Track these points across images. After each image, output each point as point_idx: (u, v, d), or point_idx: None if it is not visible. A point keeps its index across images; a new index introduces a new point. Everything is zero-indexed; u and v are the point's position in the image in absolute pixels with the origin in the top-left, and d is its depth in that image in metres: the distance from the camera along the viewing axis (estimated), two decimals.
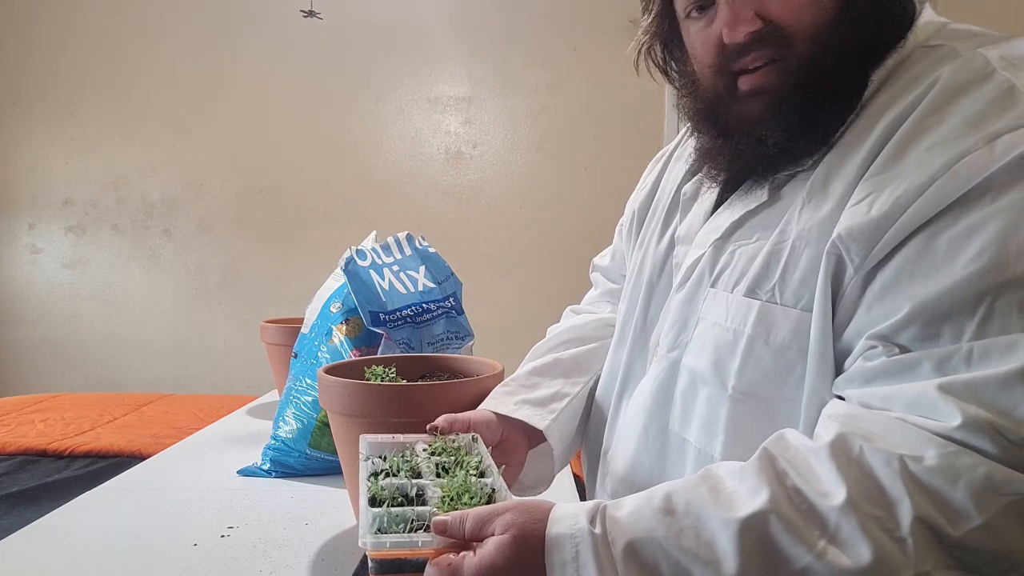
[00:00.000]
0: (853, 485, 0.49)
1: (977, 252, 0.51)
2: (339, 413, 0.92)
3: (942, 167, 0.53)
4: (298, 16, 2.75)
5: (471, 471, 0.64)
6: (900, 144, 0.58)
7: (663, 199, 0.86)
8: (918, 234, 0.54)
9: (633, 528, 0.52)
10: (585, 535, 0.52)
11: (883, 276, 0.56)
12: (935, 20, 0.66)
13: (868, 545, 0.47)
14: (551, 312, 1.14)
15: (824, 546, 0.47)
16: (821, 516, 0.49)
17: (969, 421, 0.47)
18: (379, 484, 0.62)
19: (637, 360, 0.83)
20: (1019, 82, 0.55)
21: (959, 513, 0.46)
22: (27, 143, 3.37)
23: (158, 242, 3.40)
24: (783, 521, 0.49)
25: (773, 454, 0.54)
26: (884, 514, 0.47)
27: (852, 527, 0.47)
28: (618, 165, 3.09)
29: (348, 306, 1.26)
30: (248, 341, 3.27)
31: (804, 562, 0.47)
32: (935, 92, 0.58)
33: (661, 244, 0.82)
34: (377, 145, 3.32)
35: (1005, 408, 0.47)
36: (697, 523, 0.51)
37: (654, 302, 0.82)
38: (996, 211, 0.51)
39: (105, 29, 3.32)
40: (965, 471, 0.47)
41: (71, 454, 1.73)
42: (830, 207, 0.61)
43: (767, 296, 0.64)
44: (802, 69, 0.63)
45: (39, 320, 3.43)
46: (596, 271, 1.12)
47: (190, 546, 0.91)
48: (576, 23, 3.19)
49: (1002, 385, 0.47)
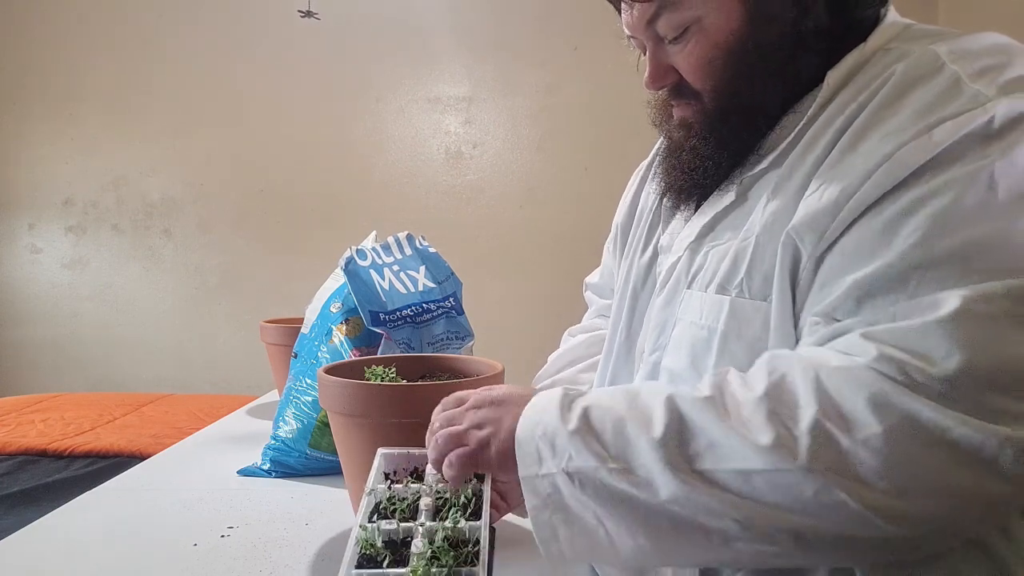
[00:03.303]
0: (771, 385, 0.55)
1: (911, 231, 0.54)
2: (339, 413, 0.92)
3: (884, 156, 0.57)
4: (298, 16, 2.75)
5: (459, 516, 0.66)
6: (854, 136, 0.61)
7: (645, 211, 0.89)
8: (860, 219, 0.57)
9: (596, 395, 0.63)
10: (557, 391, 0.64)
11: (830, 260, 0.59)
12: (899, 22, 0.69)
13: (770, 433, 0.52)
14: (551, 312, 1.14)
15: (734, 423, 0.54)
16: (738, 402, 0.56)
17: (883, 355, 0.51)
18: (368, 532, 0.64)
19: (623, 368, 0.84)
20: (964, 73, 0.58)
21: (858, 421, 0.51)
22: (27, 143, 3.37)
23: (158, 242, 3.40)
24: (705, 402, 0.57)
25: (729, 369, 0.60)
26: (789, 412, 0.53)
27: (761, 415, 0.54)
28: (618, 165, 3.08)
29: (348, 306, 1.26)
30: (248, 341, 3.27)
31: (715, 434, 0.55)
32: (889, 86, 0.61)
33: (645, 255, 0.85)
34: (377, 145, 3.32)
35: (919, 351, 0.51)
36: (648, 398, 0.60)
37: (638, 311, 0.84)
38: (929, 193, 0.54)
39: (105, 29, 3.32)
40: (866, 383, 0.51)
41: (71, 454, 1.73)
42: (789, 200, 0.64)
43: (736, 292, 0.66)
44: (713, 113, 0.71)
45: (39, 320, 3.43)
46: (588, 290, 1.15)
47: (190, 546, 0.91)
48: (576, 23, 3.19)
49: (919, 332, 0.51)
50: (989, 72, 0.57)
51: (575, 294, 1.17)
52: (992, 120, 0.54)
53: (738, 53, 0.68)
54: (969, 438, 0.49)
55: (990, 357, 0.50)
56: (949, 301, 0.51)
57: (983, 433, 0.49)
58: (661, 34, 0.71)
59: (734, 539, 0.54)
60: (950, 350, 0.50)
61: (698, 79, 0.71)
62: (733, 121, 0.70)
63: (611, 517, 0.58)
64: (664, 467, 0.55)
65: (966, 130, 0.54)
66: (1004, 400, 0.50)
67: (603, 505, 0.58)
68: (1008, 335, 0.50)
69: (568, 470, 0.58)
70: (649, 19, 0.70)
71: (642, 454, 0.56)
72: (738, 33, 0.67)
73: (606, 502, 0.57)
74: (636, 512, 0.57)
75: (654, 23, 0.70)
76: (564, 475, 0.58)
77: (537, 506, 0.60)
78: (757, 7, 0.67)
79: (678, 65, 0.71)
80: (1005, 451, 0.48)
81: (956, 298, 0.51)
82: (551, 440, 0.60)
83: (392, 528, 0.65)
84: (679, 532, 0.56)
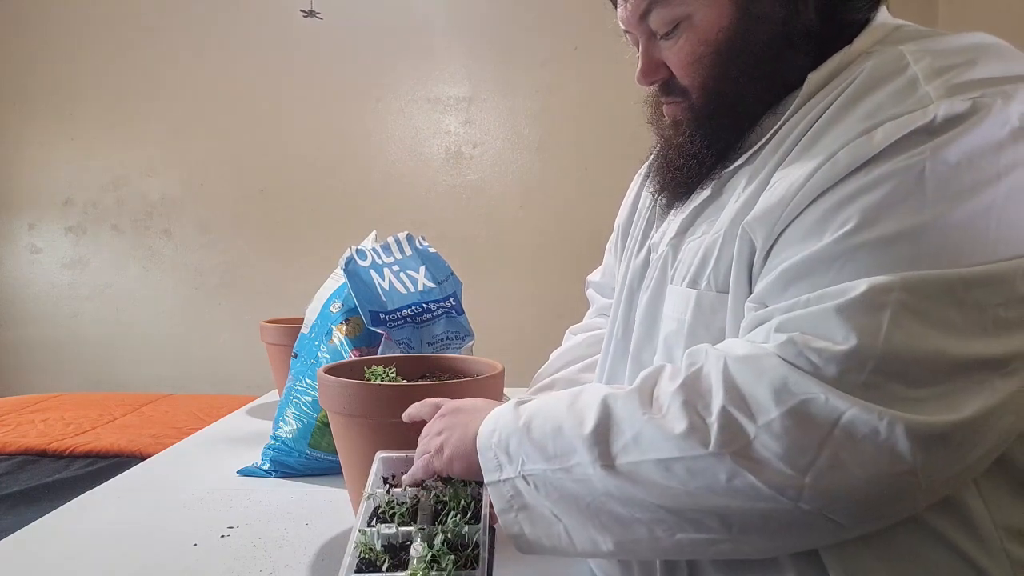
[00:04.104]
0: (688, 377, 0.58)
1: (841, 222, 0.56)
2: (339, 413, 0.92)
3: (829, 155, 0.59)
4: (299, 16, 2.75)
5: (458, 519, 0.66)
6: (814, 135, 0.62)
7: (643, 211, 0.90)
8: (802, 213, 0.59)
9: (542, 400, 0.67)
10: (511, 402, 0.69)
11: (772, 253, 0.62)
12: (889, 23, 0.69)
13: (684, 421, 0.56)
14: (551, 312, 1.14)
15: (654, 414, 0.58)
16: (660, 393, 0.59)
17: (789, 341, 0.55)
18: (367, 536, 0.65)
19: (619, 363, 0.85)
20: (922, 74, 0.59)
21: (760, 406, 0.54)
22: (27, 143, 3.37)
23: (158, 242, 3.40)
24: (632, 398, 0.60)
25: (665, 365, 0.63)
26: (703, 401, 0.56)
27: (677, 405, 0.57)
28: (618, 165, 3.08)
29: (348, 306, 1.26)
30: (248, 341, 3.26)
31: (638, 426, 0.58)
32: (852, 87, 0.62)
33: (641, 253, 0.86)
34: (377, 145, 3.32)
35: (822, 335, 0.54)
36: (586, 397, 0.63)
37: (633, 310, 0.85)
38: (863, 187, 0.56)
39: (105, 29, 3.32)
40: (768, 370, 0.54)
41: (71, 454, 1.73)
42: (752, 196, 0.65)
43: (704, 285, 0.68)
44: (702, 109, 0.72)
45: (39, 320, 3.43)
46: (590, 288, 1.16)
47: (190, 546, 0.91)
48: (576, 23, 3.19)
49: (821, 317, 0.54)
50: (947, 72, 0.58)
51: (575, 294, 1.17)
52: (933, 121, 0.55)
53: (726, 52, 0.69)
54: (860, 419, 0.51)
55: (882, 344, 0.52)
56: (856, 288, 0.53)
57: (872, 414, 0.51)
58: (653, 29, 0.72)
59: (672, 529, 0.58)
60: (846, 335, 0.52)
61: (687, 75, 0.72)
62: (718, 118, 0.71)
63: (565, 514, 0.62)
64: (594, 462, 0.59)
65: (906, 130, 0.56)
66: (895, 386, 0.52)
67: (556, 503, 0.62)
68: (902, 324, 0.52)
69: (524, 474, 0.63)
70: (642, 14, 0.71)
71: (577, 453, 0.60)
72: (728, 31, 0.68)
73: (557, 501, 0.62)
74: (583, 508, 0.61)
75: (646, 18, 0.71)
76: (521, 479, 0.63)
77: (503, 508, 0.65)
78: (748, 6, 0.67)
79: (668, 61, 0.73)
80: (895, 431, 0.51)
81: (863, 285, 0.53)
82: (505, 447, 0.65)
83: (391, 532, 0.65)
84: (622, 524, 0.60)
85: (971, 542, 0.58)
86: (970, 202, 0.54)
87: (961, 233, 0.53)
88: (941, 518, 0.58)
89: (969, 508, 0.58)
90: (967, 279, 0.53)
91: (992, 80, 0.57)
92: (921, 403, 0.52)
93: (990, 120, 0.55)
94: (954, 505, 0.58)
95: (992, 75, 0.58)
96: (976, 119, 0.55)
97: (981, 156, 0.54)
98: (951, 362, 0.52)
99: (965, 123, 0.55)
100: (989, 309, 0.53)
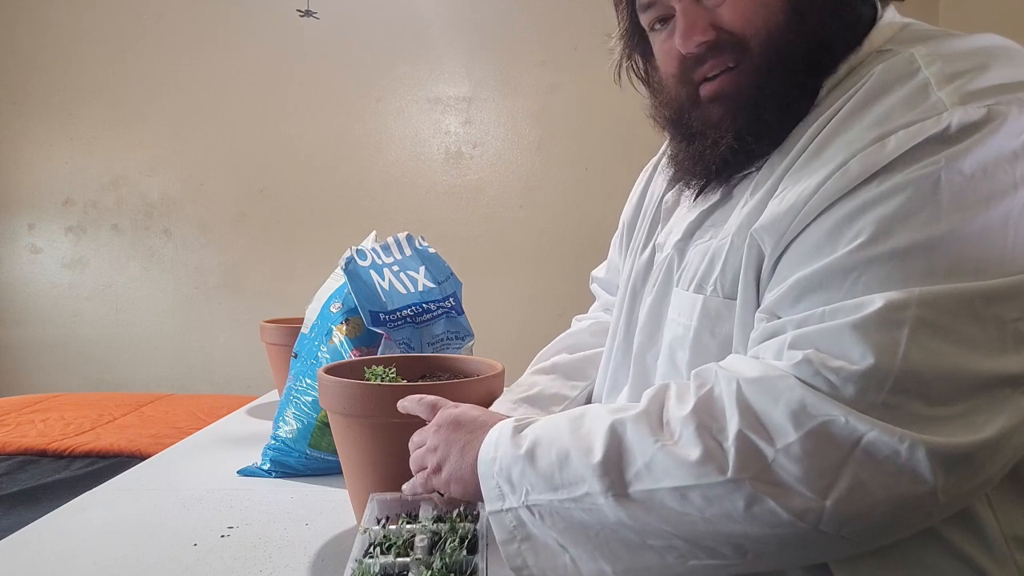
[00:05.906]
0: (699, 400, 0.56)
1: (855, 233, 0.55)
2: (339, 413, 0.92)
3: (839, 164, 0.57)
4: (297, 16, 2.75)
5: (454, 549, 0.65)
6: (822, 141, 0.61)
7: (649, 209, 0.89)
8: (813, 222, 0.58)
9: (543, 425, 0.64)
10: (509, 424, 0.66)
11: (784, 261, 0.60)
12: (896, 22, 0.67)
13: (699, 448, 0.54)
14: (551, 312, 1.14)
15: (666, 440, 0.56)
16: (670, 421, 0.57)
17: (804, 360, 0.53)
18: (362, 566, 0.64)
19: (621, 365, 0.85)
20: (934, 79, 0.57)
21: (778, 430, 0.52)
22: (27, 143, 3.37)
23: (158, 242, 3.40)
24: (640, 423, 0.58)
25: (670, 383, 0.61)
26: (717, 425, 0.54)
27: (690, 431, 0.55)
28: (618, 165, 3.09)
29: (348, 306, 1.26)
30: (248, 341, 3.26)
31: (650, 453, 0.56)
32: (862, 92, 0.60)
33: (645, 252, 0.85)
34: (377, 145, 3.32)
35: (838, 354, 0.52)
36: (591, 423, 0.61)
37: (636, 309, 0.84)
38: (877, 197, 0.55)
39: (105, 29, 3.32)
40: (784, 392, 0.52)
41: (71, 454, 1.73)
42: (760, 202, 0.64)
43: (711, 290, 0.67)
44: (758, 72, 0.66)
45: (39, 320, 3.43)
46: (594, 283, 1.16)
47: (190, 546, 0.91)
48: (576, 23, 3.19)
49: (838, 334, 0.52)
50: (959, 77, 0.57)
51: (575, 294, 1.17)
52: (948, 129, 0.54)
53: None
54: (880, 441, 0.50)
55: (900, 362, 0.50)
56: (872, 304, 0.52)
57: (892, 436, 0.50)
58: None
59: (685, 556, 0.56)
60: (864, 354, 0.51)
61: (749, 24, 0.65)
62: (775, 86, 0.65)
63: (572, 544, 0.60)
64: (605, 492, 0.57)
65: (920, 139, 0.54)
66: (915, 405, 0.50)
67: (562, 533, 0.60)
68: (920, 341, 0.50)
69: (528, 504, 0.61)
70: None
71: (586, 482, 0.58)
72: None
73: (564, 531, 0.60)
74: (591, 538, 0.59)
75: None
76: (525, 509, 0.61)
77: (505, 539, 0.63)
78: None
79: (722, 14, 0.66)
80: (916, 454, 0.49)
81: (879, 300, 0.52)
82: (508, 476, 0.63)
83: (387, 562, 0.64)
84: (633, 553, 0.58)
85: (979, 550, 0.57)
86: (986, 213, 0.52)
87: (977, 245, 0.52)
88: (949, 526, 0.57)
89: (978, 517, 0.58)
90: (985, 293, 0.51)
91: (1006, 86, 0.56)
92: (942, 423, 0.50)
93: (1006, 129, 0.54)
94: (963, 513, 0.57)
95: (1005, 80, 0.57)
96: (991, 128, 0.54)
97: (997, 166, 0.53)
98: (971, 379, 0.51)
99: (980, 132, 0.54)
100: (1008, 323, 0.52)
